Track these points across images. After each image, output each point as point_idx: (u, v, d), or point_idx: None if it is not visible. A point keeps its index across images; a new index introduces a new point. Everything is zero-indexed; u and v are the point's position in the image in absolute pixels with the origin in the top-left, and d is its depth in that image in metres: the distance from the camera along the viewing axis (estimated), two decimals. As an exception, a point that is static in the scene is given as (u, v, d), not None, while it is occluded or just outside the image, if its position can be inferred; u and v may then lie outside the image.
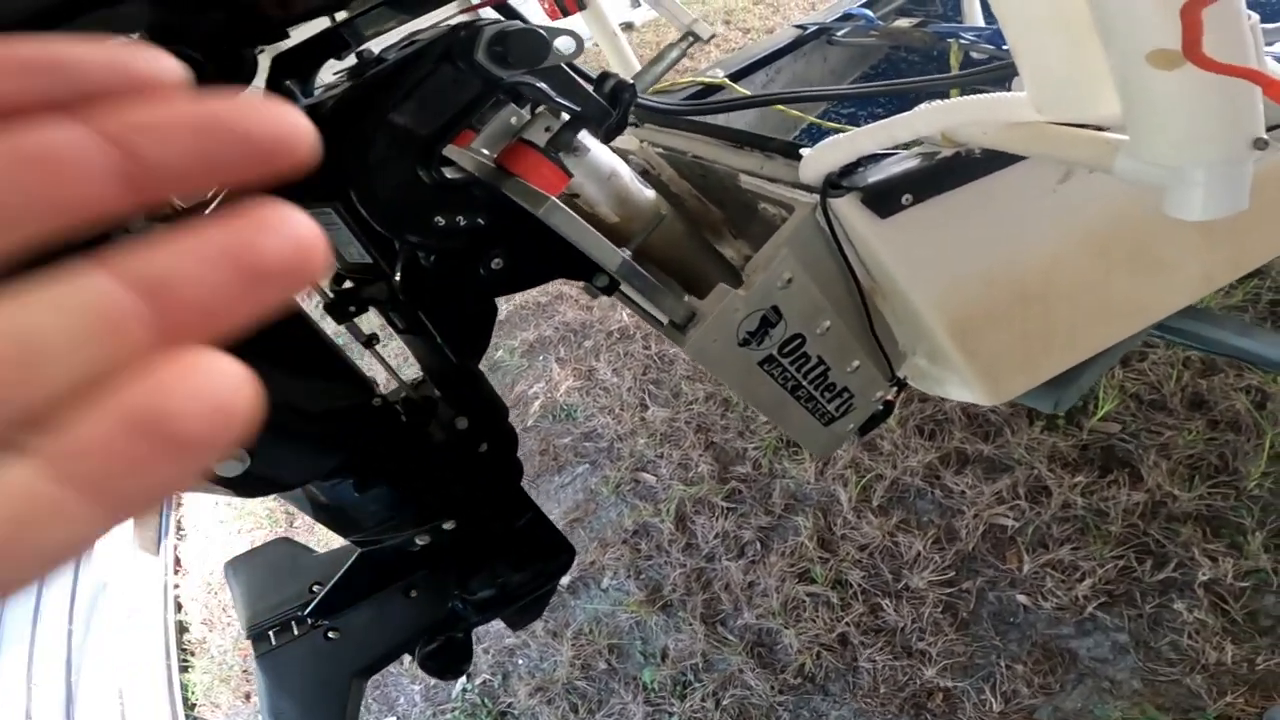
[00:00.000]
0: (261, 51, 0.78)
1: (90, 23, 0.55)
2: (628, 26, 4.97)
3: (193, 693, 2.39)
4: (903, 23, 1.78)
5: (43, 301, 0.15)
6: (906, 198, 0.85)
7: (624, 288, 0.87)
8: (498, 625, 1.14)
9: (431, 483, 0.94)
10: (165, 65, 0.17)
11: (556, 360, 2.76)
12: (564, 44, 0.75)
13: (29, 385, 0.15)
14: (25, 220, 0.15)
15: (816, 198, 0.86)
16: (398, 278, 0.80)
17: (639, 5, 1.64)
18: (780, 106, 1.37)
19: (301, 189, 0.77)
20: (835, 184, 0.86)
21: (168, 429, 0.15)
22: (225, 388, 0.16)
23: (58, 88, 0.16)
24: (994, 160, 0.86)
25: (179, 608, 2.72)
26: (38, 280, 0.15)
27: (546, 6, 1.62)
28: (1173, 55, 0.54)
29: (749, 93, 1.49)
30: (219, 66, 0.62)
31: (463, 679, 1.93)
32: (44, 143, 0.15)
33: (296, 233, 0.17)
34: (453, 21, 0.83)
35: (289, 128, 0.17)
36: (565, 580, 1.97)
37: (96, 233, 0.16)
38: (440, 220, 0.76)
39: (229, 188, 0.17)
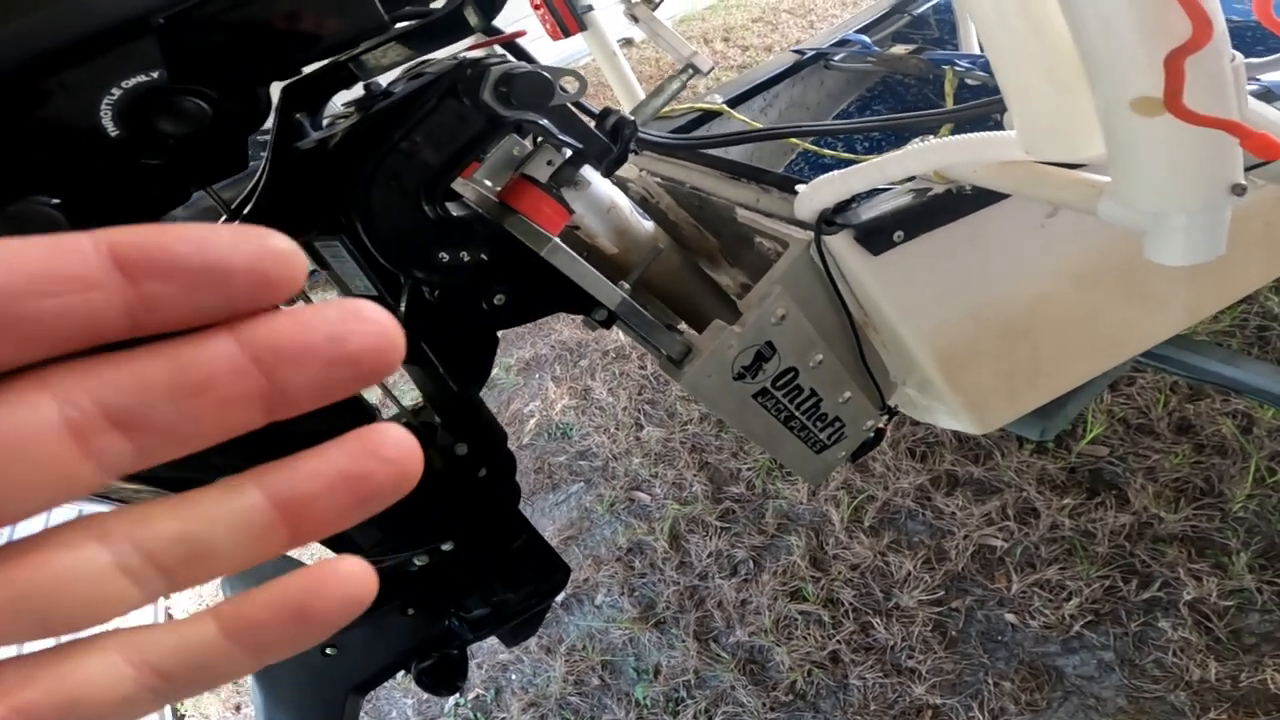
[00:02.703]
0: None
1: (110, 60, 0.57)
2: (627, 42, 5.01)
3: (181, 703, 2.38)
4: (899, 49, 1.80)
5: (213, 511, 0.20)
6: (898, 234, 0.87)
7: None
8: (491, 640, 1.15)
9: (431, 507, 0.95)
10: (296, 268, 0.19)
11: (552, 379, 2.78)
12: (568, 84, 0.76)
13: (200, 573, 0.20)
14: (183, 441, 0.18)
15: (810, 234, 0.88)
16: (402, 309, 0.81)
17: (638, 21, 1.65)
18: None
19: (310, 222, 0.79)
20: (829, 221, 0.87)
21: (312, 615, 0.21)
22: (356, 585, 0.21)
23: (209, 297, 0.18)
24: (984, 196, 0.87)
25: (169, 616, 2.71)
26: (204, 490, 0.20)
27: (548, 27, 1.63)
28: (1156, 103, 0.54)
29: (746, 119, 1.51)
30: (235, 105, 0.64)
31: (456, 694, 1.94)
32: (205, 367, 0.18)
33: (400, 452, 0.20)
34: (460, 53, 0.84)
35: (389, 345, 0.19)
36: (559, 597, 1.97)
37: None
38: (444, 255, 0.77)
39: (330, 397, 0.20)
